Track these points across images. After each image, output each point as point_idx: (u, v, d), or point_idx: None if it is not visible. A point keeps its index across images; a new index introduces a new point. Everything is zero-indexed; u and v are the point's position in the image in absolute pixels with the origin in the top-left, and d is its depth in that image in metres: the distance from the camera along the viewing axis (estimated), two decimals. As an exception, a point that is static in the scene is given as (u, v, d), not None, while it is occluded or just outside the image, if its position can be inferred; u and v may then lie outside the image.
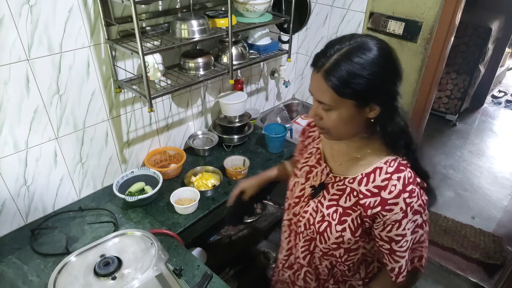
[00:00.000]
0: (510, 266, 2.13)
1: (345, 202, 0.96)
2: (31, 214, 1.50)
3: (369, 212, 0.90)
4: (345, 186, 0.96)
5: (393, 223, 0.88)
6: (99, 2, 1.34)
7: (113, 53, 1.49)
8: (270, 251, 2.26)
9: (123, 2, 1.24)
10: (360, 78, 0.79)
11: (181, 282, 1.19)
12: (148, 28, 1.56)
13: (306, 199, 1.06)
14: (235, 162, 1.87)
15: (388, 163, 0.90)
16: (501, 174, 3.34)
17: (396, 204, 0.87)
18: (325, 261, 1.06)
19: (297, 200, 1.08)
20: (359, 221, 0.94)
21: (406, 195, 0.86)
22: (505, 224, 2.77)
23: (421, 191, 0.90)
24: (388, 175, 0.89)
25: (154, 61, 1.49)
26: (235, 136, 2.00)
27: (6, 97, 1.26)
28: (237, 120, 2.01)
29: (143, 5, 1.50)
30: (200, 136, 2.03)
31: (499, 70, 4.44)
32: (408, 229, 0.89)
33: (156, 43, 1.48)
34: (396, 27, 1.86)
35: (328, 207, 0.98)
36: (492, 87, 4.50)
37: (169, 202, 1.58)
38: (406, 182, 0.87)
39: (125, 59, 1.56)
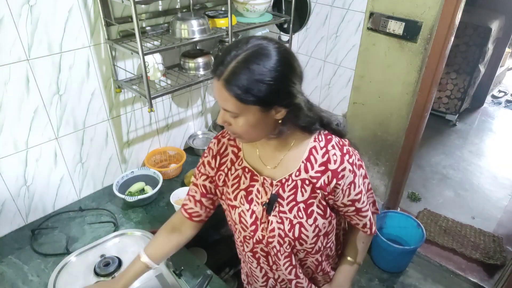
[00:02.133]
0: (510, 266, 2.13)
1: (302, 195, 0.96)
2: (31, 214, 1.50)
3: (328, 189, 0.94)
4: (294, 182, 0.95)
5: (349, 186, 0.95)
6: (99, 2, 1.34)
7: (113, 53, 1.49)
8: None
9: (123, 2, 1.24)
10: (260, 85, 0.78)
11: (181, 282, 1.19)
12: (148, 28, 1.56)
13: (263, 219, 0.99)
14: (235, 162, 1.87)
15: (317, 140, 0.95)
16: (501, 174, 3.34)
17: (344, 169, 0.93)
18: (311, 258, 1.07)
19: (253, 227, 1.01)
20: (323, 203, 0.96)
21: (347, 157, 0.93)
22: (505, 224, 2.77)
23: (351, 147, 0.97)
24: (324, 149, 0.93)
25: (154, 61, 1.49)
26: (235, 136, 2.00)
27: (6, 97, 1.26)
28: (237, 120, 2.01)
29: (143, 5, 1.50)
30: (200, 136, 2.03)
31: (499, 70, 4.43)
32: (361, 184, 0.98)
33: (156, 43, 1.48)
34: (396, 27, 1.86)
35: (290, 210, 0.97)
36: (492, 87, 4.50)
37: (169, 202, 1.58)
38: (340, 146, 0.94)
39: (125, 59, 1.56)
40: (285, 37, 2.04)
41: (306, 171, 0.94)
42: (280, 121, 0.87)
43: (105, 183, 1.71)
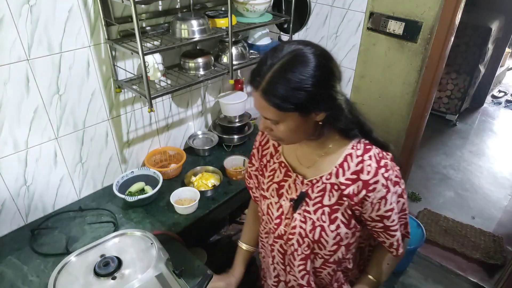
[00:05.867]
0: (510, 266, 2.13)
1: (329, 200, 0.95)
2: (31, 214, 1.50)
3: (355, 199, 0.92)
4: (324, 185, 0.95)
5: (380, 200, 0.91)
6: (99, 2, 1.34)
7: (113, 53, 1.49)
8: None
9: (123, 2, 1.24)
10: (298, 92, 0.78)
11: (181, 282, 1.19)
12: (148, 28, 1.56)
13: (288, 215, 1.02)
14: (235, 162, 1.87)
15: (354, 147, 0.93)
16: (501, 174, 3.34)
17: (377, 182, 0.89)
18: (327, 269, 1.04)
19: (278, 220, 1.04)
20: (349, 212, 0.95)
21: (383, 170, 0.89)
22: (505, 224, 2.77)
23: (392, 162, 0.94)
24: (360, 158, 0.91)
25: (154, 61, 1.49)
26: (235, 136, 2.00)
27: (6, 97, 1.26)
28: (237, 120, 2.01)
29: (143, 5, 1.50)
30: (200, 136, 2.03)
31: (499, 70, 4.44)
32: (394, 202, 0.93)
33: (156, 43, 1.48)
34: (396, 27, 1.86)
35: (315, 211, 0.97)
36: (492, 87, 4.50)
37: (169, 202, 1.58)
38: (378, 158, 0.90)
39: (125, 59, 1.56)
40: (285, 37, 2.04)
41: (337, 176, 0.93)
42: (320, 123, 0.87)
43: (105, 183, 1.71)
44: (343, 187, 0.92)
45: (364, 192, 0.90)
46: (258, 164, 1.12)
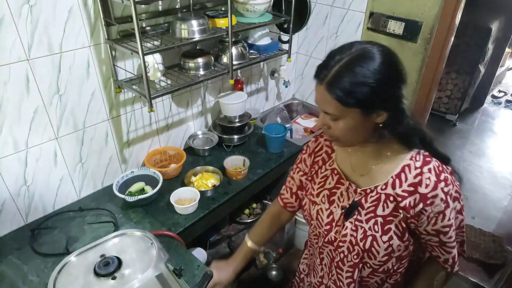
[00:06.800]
0: (510, 266, 2.14)
1: (383, 210, 0.93)
2: (31, 214, 1.50)
3: (411, 212, 0.89)
4: (378, 195, 0.93)
5: (437, 215, 0.89)
6: (99, 2, 1.34)
7: (113, 53, 1.49)
8: (270, 251, 2.26)
9: (123, 2, 1.24)
10: (363, 87, 0.78)
11: (181, 282, 1.19)
12: (148, 28, 1.55)
13: (339, 222, 1.00)
14: (235, 162, 1.87)
15: (413, 159, 0.90)
16: (501, 174, 3.34)
17: (435, 196, 0.87)
18: (375, 278, 1.03)
19: (328, 227, 1.02)
20: (403, 225, 0.92)
21: (443, 184, 0.87)
22: (505, 224, 2.77)
23: (452, 177, 0.91)
24: (419, 170, 0.88)
25: (154, 61, 1.49)
26: (235, 136, 2.00)
27: (6, 97, 1.26)
28: (237, 120, 2.01)
29: (143, 5, 1.50)
30: (200, 136, 2.03)
31: (499, 70, 4.44)
32: (452, 218, 0.91)
33: (156, 43, 1.48)
34: (396, 27, 1.86)
35: (367, 221, 0.95)
36: (492, 87, 4.50)
37: (169, 202, 1.58)
38: (438, 172, 0.88)
39: (125, 59, 1.56)
40: (285, 37, 2.04)
41: (394, 187, 0.91)
42: (380, 125, 0.85)
43: (105, 183, 1.71)
44: (399, 199, 0.90)
45: (421, 205, 0.88)
46: (308, 170, 1.10)
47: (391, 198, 0.91)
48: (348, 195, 0.99)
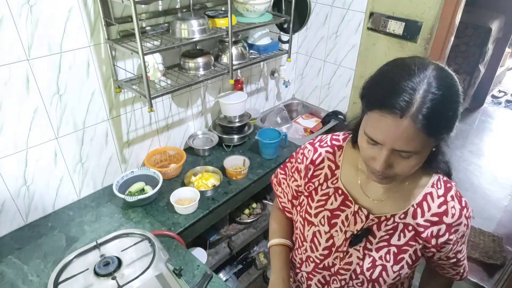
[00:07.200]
0: (510, 266, 2.14)
1: (398, 239, 0.86)
2: (31, 214, 1.50)
3: (433, 241, 0.85)
4: (396, 224, 0.86)
5: (459, 239, 0.87)
6: (99, 2, 1.34)
7: (113, 53, 1.49)
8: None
9: (123, 2, 1.24)
10: (455, 112, 0.68)
11: (181, 282, 1.19)
12: (148, 28, 1.55)
13: (341, 248, 0.91)
14: (235, 162, 1.87)
15: (435, 186, 0.85)
16: (501, 174, 3.34)
17: (460, 224, 0.84)
18: None
19: (326, 252, 0.93)
20: (418, 254, 0.87)
21: (465, 211, 0.84)
22: (505, 224, 2.77)
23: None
24: (442, 198, 0.83)
25: (154, 61, 1.49)
26: (235, 136, 2.00)
27: (6, 97, 1.26)
28: (237, 120, 2.01)
29: (143, 5, 1.50)
30: (200, 136, 2.03)
31: (499, 70, 4.44)
32: (467, 235, 0.89)
33: (156, 43, 1.48)
34: (396, 27, 1.86)
35: (378, 249, 0.87)
36: (492, 87, 4.50)
37: (169, 202, 1.58)
38: (459, 198, 0.85)
39: (125, 59, 1.56)
40: (285, 37, 2.04)
41: (414, 217, 0.84)
42: (434, 149, 0.77)
43: (105, 183, 1.71)
44: (420, 229, 0.84)
45: (447, 235, 0.84)
46: (304, 184, 0.97)
47: (410, 228, 0.85)
48: (355, 219, 0.89)
